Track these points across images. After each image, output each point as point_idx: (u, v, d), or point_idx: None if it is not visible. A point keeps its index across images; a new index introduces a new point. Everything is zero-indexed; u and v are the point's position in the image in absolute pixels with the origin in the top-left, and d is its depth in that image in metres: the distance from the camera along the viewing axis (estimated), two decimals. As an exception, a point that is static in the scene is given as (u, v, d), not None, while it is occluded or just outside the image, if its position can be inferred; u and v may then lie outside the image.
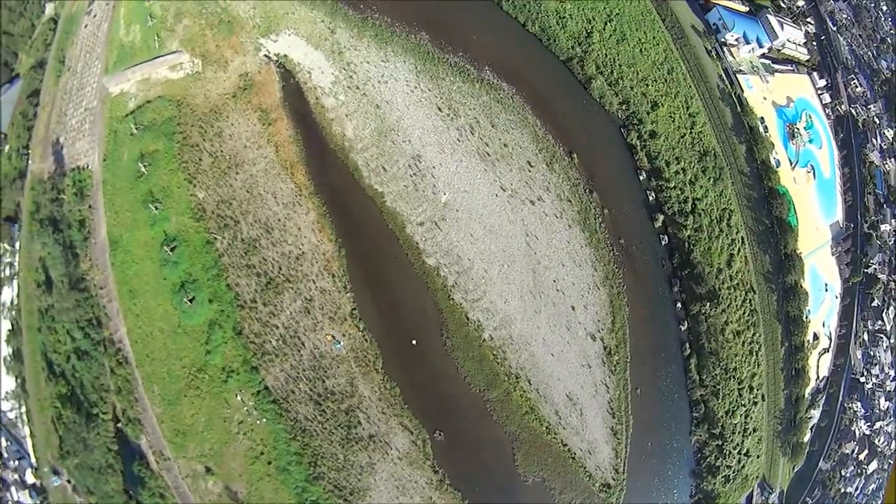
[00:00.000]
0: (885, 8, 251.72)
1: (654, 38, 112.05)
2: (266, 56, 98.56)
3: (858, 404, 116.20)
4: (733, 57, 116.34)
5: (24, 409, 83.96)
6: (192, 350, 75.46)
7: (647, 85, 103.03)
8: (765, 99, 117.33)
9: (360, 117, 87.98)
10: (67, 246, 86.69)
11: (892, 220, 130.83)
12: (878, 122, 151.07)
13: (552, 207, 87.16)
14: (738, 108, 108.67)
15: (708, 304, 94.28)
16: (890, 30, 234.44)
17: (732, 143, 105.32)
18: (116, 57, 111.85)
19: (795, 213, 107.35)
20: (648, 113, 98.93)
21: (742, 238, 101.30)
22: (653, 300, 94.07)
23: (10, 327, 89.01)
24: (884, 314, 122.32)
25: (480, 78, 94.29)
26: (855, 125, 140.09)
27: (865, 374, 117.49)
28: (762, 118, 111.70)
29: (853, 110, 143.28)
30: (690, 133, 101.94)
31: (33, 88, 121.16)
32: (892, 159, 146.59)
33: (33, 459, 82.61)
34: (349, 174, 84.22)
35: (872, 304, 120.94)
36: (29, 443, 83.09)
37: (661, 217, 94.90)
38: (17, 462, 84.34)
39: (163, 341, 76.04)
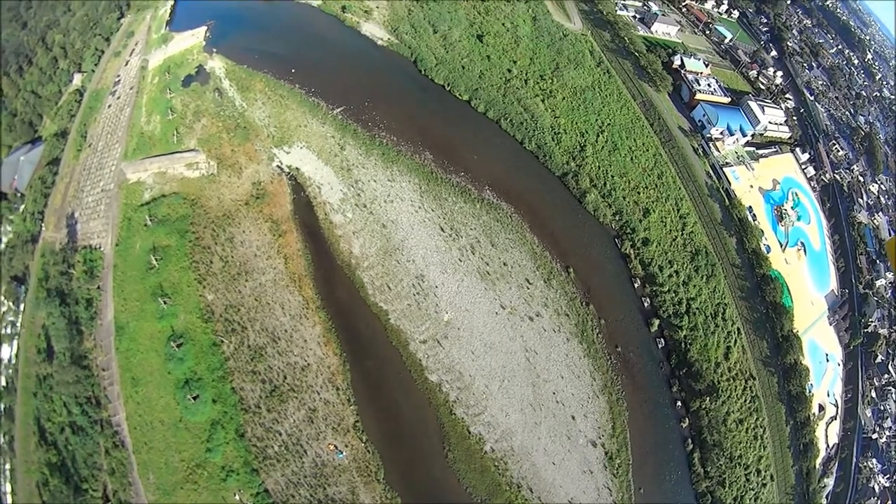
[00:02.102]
0: (856, 62, 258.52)
1: (643, 143, 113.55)
2: (279, 167, 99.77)
3: (874, 461, 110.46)
4: (719, 151, 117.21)
5: (8, 466, 79.91)
6: (192, 445, 72.99)
7: (639, 192, 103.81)
8: (751, 187, 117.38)
9: (366, 235, 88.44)
10: (73, 321, 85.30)
11: (887, 274, 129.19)
12: (862, 180, 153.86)
13: (550, 322, 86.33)
14: (727, 201, 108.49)
15: (708, 398, 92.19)
16: (864, 82, 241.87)
17: (723, 237, 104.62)
18: (136, 144, 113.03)
19: (789, 293, 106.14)
20: (641, 220, 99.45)
21: (738, 329, 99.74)
22: (652, 402, 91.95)
23: (4, 384, 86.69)
24: (889, 366, 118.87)
25: (481, 198, 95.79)
26: (840, 190, 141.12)
27: (877, 430, 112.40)
28: (750, 207, 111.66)
29: (837, 176, 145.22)
30: (682, 234, 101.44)
31: (54, 156, 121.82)
32: (880, 213, 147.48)
33: (10, 516, 78.98)
34: (355, 291, 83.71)
35: (876, 361, 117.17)
36: (9, 500, 78.81)
37: (657, 321, 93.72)
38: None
39: (163, 432, 73.81)
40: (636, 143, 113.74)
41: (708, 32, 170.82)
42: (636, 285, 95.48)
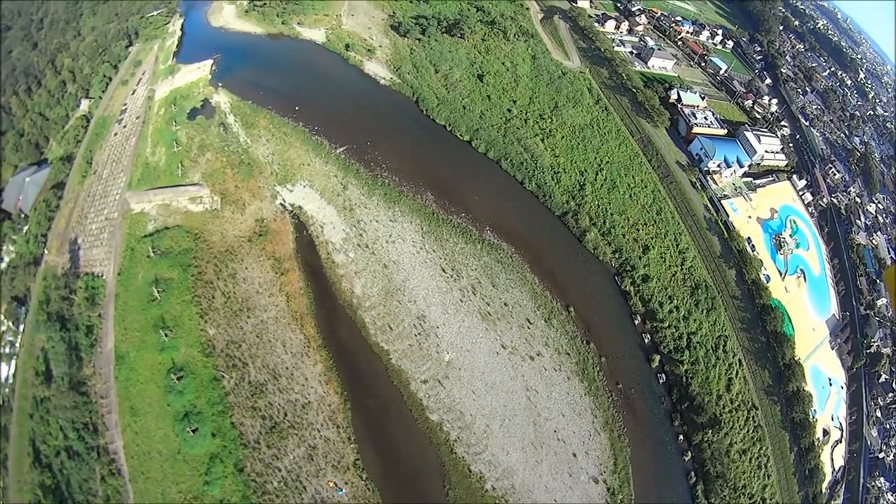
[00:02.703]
0: (849, 82, 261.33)
1: (642, 180, 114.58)
2: (282, 205, 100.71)
3: (882, 479, 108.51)
4: (716, 184, 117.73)
5: (0, 484, 79.17)
6: (190, 477, 72.08)
7: (638, 229, 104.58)
8: (749, 218, 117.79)
9: (368, 276, 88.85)
10: (73, 347, 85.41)
11: (888, 293, 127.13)
12: (859, 201, 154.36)
13: (551, 361, 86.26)
14: (726, 233, 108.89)
15: (710, 431, 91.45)
16: (857, 102, 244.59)
17: (722, 270, 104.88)
18: (141, 174, 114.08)
19: (790, 321, 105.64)
20: (640, 257, 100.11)
21: (739, 360, 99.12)
22: (654, 437, 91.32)
23: (0, 403, 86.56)
24: (894, 384, 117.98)
25: (482, 239, 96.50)
26: (838, 214, 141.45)
27: (884, 448, 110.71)
28: (748, 238, 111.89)
29: (834, 199, 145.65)
30: (681, 269, 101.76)
31: (59, 180, 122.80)
32: (878, 232, 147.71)
33: (1, 531, 78.32)
34: (356, 330, 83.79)
35: (880, 381, 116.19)
36: (1, 515, 78.62)
37: (658, 357, 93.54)
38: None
39: (160, 463, 73.11)
40: (635, 180, 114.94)
41: (703, 64, 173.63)
42: (636, 322, 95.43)
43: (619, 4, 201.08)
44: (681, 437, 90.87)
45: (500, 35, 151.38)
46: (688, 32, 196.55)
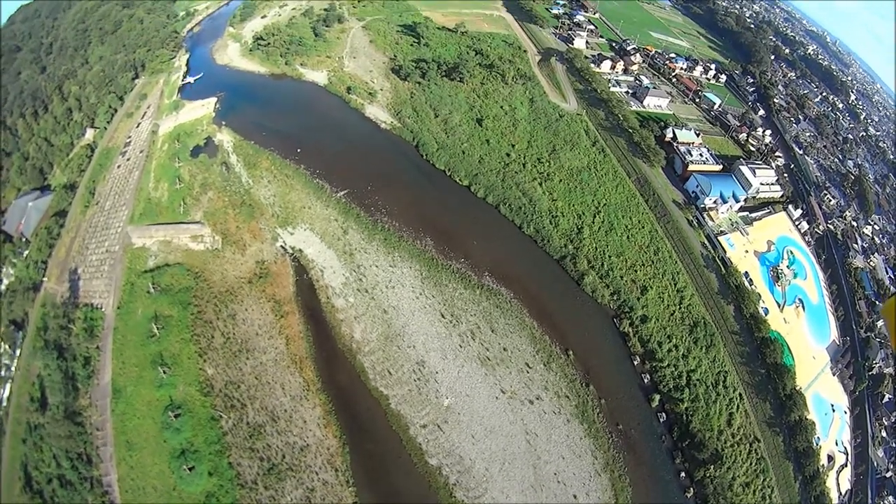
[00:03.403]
0: (840, 106, 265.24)
1: (639, 221, 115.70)
2: (282, 247, 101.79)
3: (891, 499, 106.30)
4: (713, 220, 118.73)
5: None
6: None
7: (636, 270, 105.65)
8: (746, 252, 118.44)
9: (368, 321, 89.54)
10: (69, 376, 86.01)
11: (886, 327, 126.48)
12: (855, 224, 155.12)
13: (550, 405, 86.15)
14: (723, 269, 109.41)
15: (712, 466, 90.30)
16: (850, 125, 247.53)
17: (720, 306, 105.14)
18: (143, 209, 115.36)
19: (790, 351, 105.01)
20: (638, 298, 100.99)
21: (740, 394, 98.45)
22: (655, 476, 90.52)
23: None
24: None
25: (481, 284, 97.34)
26: (835, 240, 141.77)
27: (891, 468, 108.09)
28: (746, 272, 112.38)
29: (831, 226, 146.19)
30: (680, 308, 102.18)
31: (62, 208, 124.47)
32: (875, 254, 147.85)
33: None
34: (356, 375, 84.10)
35: (884, 401, 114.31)
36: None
37: (658, 396, 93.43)
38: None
39: (155, 498, 72.75)
40: (632, 221, 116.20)
41: (698, 100, 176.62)
42: (636, 362, 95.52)
43: (614, 44, 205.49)
44: (682, 474, 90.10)
45: (498, 78, 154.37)
46: (682, 69, 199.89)
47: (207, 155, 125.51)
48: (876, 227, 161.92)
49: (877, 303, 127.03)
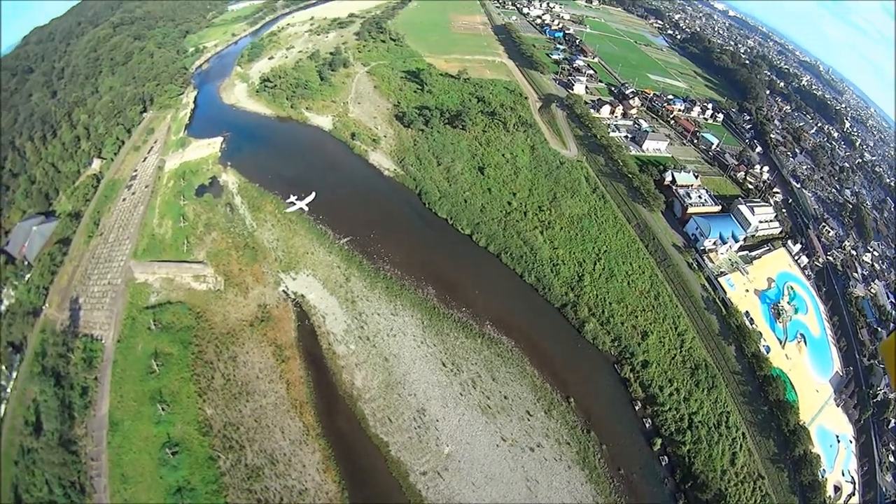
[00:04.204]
0: (836, 135, 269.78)
1: (639, 266, 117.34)
2: (285, 292, 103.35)
3: None
4: (713, 262, 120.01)
5: None
6: None
7: (637, 316, 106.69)
8: (747, 291, 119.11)
9: (369, 368, 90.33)
10: (66, 404, 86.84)
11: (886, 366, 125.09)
12: (854, 253, 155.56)
13: (551, 451, 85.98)
14: (723, 310, 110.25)
15: None
16: (846, 153, 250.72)
17: (722, 347, 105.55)
18: (146, 244, 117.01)
19: (793, 387, 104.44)
20: (639, 344, 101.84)
21: (742, 433, 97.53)
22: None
23: None
24: None
25: (482, 333, 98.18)
26: (835, 271, 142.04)
27: None
28: (747, 312, 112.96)
29: (830, 257, 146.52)
30: (681, 352, 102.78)
31: (66, 235, 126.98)
32: (876, 280, 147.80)
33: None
34: (356, 421, 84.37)
35: (890, 427, 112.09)
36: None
37: (659, 440, 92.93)
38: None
39: None
40: (632, 267, 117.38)
41: (696, 141, 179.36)
42: (637, 407, 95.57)
43: (613, 88, 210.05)
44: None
45: (500, 126, 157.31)
46: (680, 110, 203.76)
47: (212, 195, 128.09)
48: (875, 253, 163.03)
49: (879, 329, 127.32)
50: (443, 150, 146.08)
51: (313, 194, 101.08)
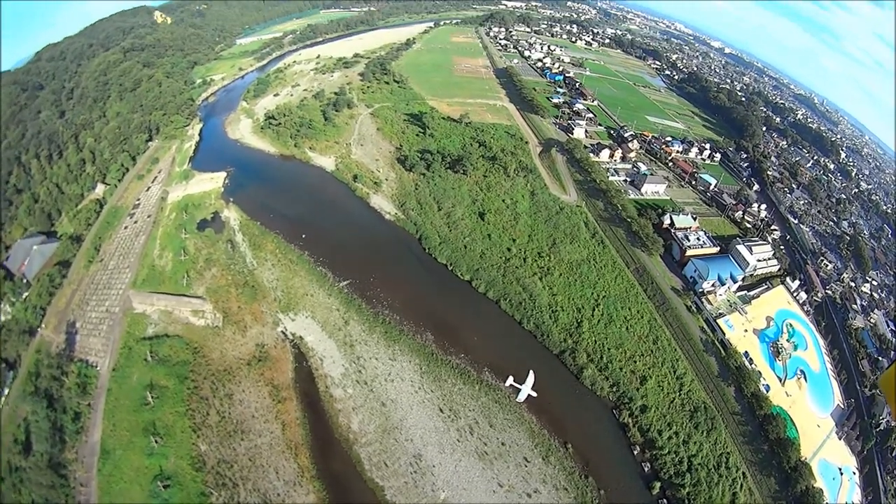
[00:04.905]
0: (832, 167, 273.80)
1: (638, 311, 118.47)
2: (283, 333, 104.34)
3: None
4: (711, 304, 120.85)
5: None
6: None
7: (635, 361, 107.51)
8: (746, 332, 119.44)
9: (366, 412, 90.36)
10: (57, 427, 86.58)
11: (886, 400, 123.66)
12: (853, 285, 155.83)
13: (549, 497, 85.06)
14: (722, 352, 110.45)
15: None
16: (842, 185, 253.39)
17: (721, 389, 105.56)
18: (146, 275, 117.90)
19: (793, 424, 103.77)
20: (638, 389, 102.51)
21: (743, 473, 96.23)
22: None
23: None
24: None
25: (480, 380, 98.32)
26: (834, 304, 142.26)
27: None
28: (746, 352, 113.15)
29: (829, 291, 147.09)
30: (679, 395, 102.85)
31: (66, 258, 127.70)
32: (875, 310, 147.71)
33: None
34: (352, 465, 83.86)
35: (894, 454, 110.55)
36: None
37: (658, 484, 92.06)
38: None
39: None
40: (631, 312, 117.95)
41: (694, 182, 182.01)
42: (636, 452, 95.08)
43: (612, 131, 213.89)
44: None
45: (500, 171, 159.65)
46: (678, 152, 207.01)
47: (214, 230, 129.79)
48: (874, 282, 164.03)
49: (879, 359, 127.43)
50: (444, 194, 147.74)
51: (532, 375, 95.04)
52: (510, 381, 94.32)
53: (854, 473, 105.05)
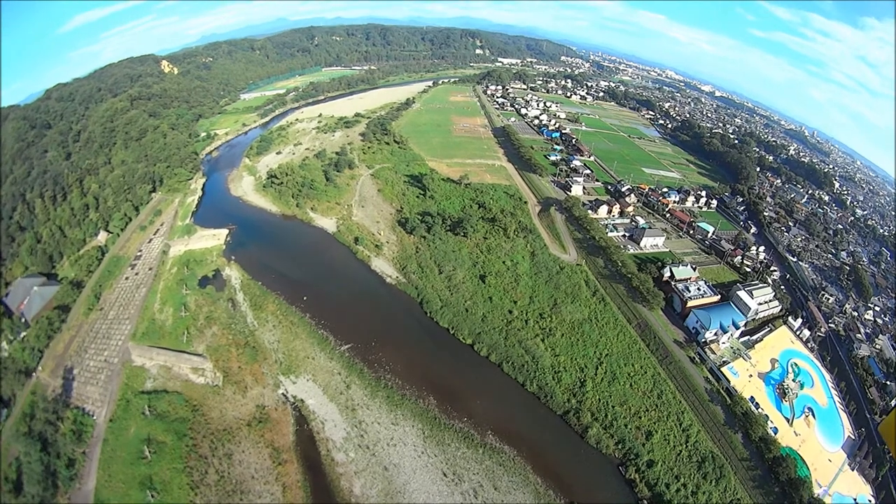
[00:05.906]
0: (826, 198, 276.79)
1: (641, 366, 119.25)
2: (284, 395, 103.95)
3: None
4: (714, 353, 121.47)
5: None
6: None
7: (640, 417, 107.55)
8: (751, 377, 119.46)
9: (368, 476, 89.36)
10: (51, 472, 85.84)
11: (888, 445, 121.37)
12: (856, 314, 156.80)
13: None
14: (728, 400, 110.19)
15: None
16: (838, 214, 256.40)
17: (728, 436, 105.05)
18: (146, 328, 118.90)
19: (804, 462, 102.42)
20: (644, 444, 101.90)
21: None
22: None
23: None
24: None
25: (483, 443, 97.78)
26: (837, 337, 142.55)
27: None
28: (752, 397, 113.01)
29: (832, 324, 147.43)
30: (686, 447, 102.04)
31: (65, 303, 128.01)
32: (880, 335, 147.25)
33: None
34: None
35: None
36: None
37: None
38: None
39: None
40: (634, 368, 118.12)
41: (692, 232, 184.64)
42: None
43: (609, 187, 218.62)
44: None
45: (500, 232, 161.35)
46: (674, 202, 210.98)
47: (215, 287, 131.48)
48: (877, 308, 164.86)
49: (888, 383, 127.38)
50: (444, 257, 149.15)
51: None
52: None
53: (870, 501, 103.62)
